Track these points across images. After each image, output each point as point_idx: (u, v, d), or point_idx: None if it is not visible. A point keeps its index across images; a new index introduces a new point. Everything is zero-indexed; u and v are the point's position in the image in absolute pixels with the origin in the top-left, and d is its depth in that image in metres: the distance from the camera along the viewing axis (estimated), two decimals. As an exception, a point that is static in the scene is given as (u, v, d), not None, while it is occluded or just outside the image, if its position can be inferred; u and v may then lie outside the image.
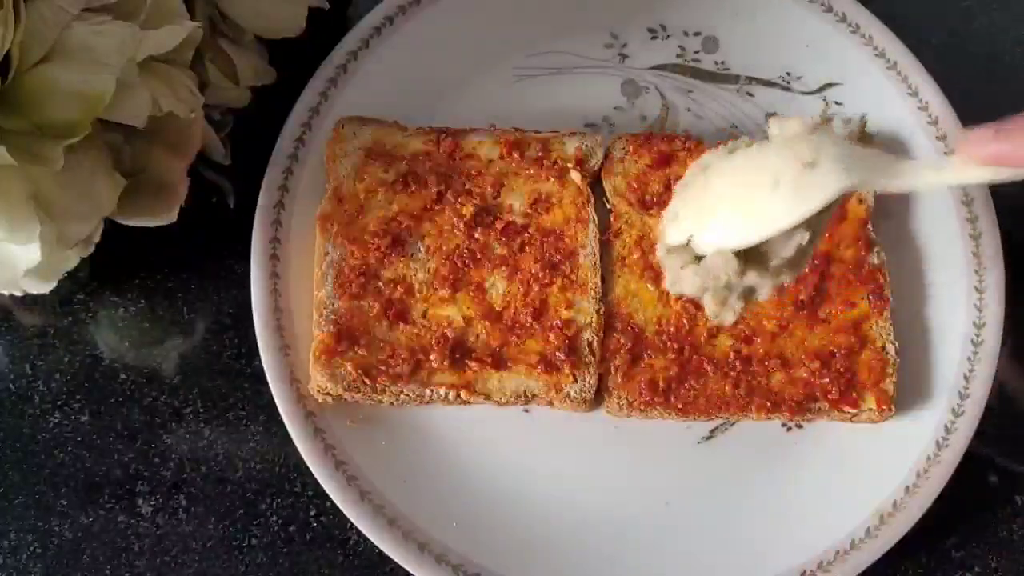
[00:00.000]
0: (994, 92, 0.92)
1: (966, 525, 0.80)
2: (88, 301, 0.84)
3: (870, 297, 0.78)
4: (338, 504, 0.75)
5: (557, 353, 0.76)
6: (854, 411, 0.76)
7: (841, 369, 0.77)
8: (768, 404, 0.76)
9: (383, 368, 0.76)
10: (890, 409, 0.76)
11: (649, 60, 0.88)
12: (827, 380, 0.76)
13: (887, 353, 0.77)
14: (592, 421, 0.79)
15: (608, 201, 0.82)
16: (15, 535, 0.78)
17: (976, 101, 0.87)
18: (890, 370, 0.77)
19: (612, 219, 0.81)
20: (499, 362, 0.76)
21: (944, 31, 0.93)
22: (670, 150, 0.82)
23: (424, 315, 0.78)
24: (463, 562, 0.74)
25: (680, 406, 0.76)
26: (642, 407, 0.76)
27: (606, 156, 0.83)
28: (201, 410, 0.81)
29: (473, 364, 0.76)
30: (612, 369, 0.77)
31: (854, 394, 0.76)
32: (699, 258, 0.69)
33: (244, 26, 0.82)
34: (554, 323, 0.77)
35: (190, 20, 0.73)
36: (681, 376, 0.76)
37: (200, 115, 0.75)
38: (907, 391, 0.78)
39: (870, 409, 0.76)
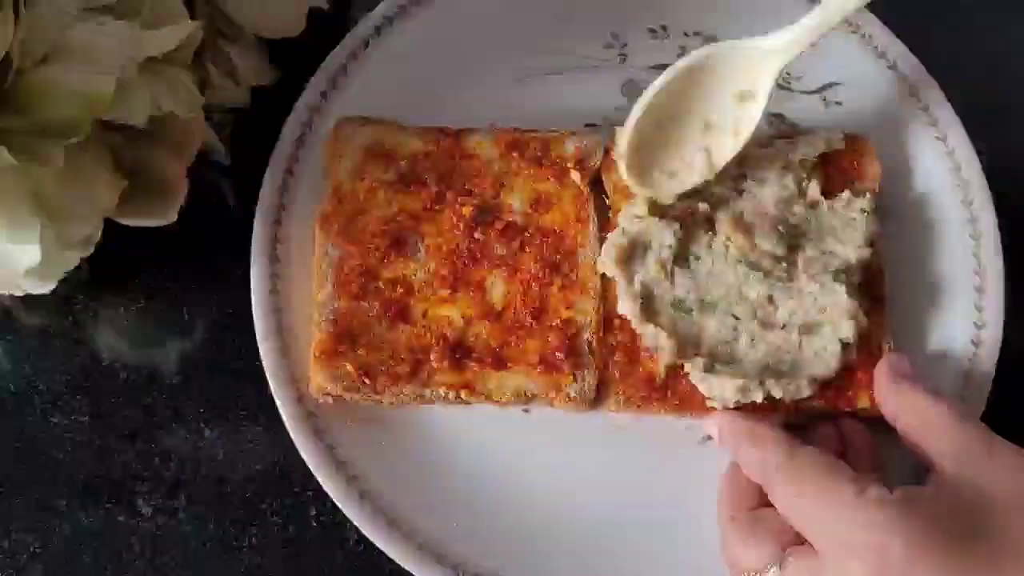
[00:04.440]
0: (995, 92, 0.92)
1: (966, 525, 0.79)
2: (88, 301, 0.84)
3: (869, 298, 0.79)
4: (338, 504, 0.75)
5: (557, 353, 0.76)
6: (850, 411, 0.76)
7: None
8: (764, 402, 0.76)
9: (383, 368, 0.76)
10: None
11: (649, 60, 0.88)
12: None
13: (883, 353, 0.77)
14: (592, 421, 0.79)
15: (608, 197, 0.82)
16: (15, 535, 0.78)
17: (976, 101, 0.87)
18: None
19: (611, 215, 0.81)
20: (499, 362, 0.76)
21: (944, 31, 0.93)
22: (670, 147, 0.82)
23: (424, 315, 0.78)
24: (463, 562, 0.74)
25: (677, 402, 0.76)
26: (639, 403, 0.76)
27: (606, 152, 0.83)
28: (201, 410, 0.81)
29: (473, 364, 0.76)
30: (610, 365, 0.77)
31: (850, 393, 0.76)
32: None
33: (244, 26, 0.82)
34: (554, 323, 0.77)
35: (190, 20, 0.73)
36: (678, 372, 0.76)
37: (200, 115, 0.75)
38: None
39: (865, 409, 0.76)
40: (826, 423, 0.76)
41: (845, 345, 0.76)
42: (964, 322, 0.80)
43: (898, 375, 0.74)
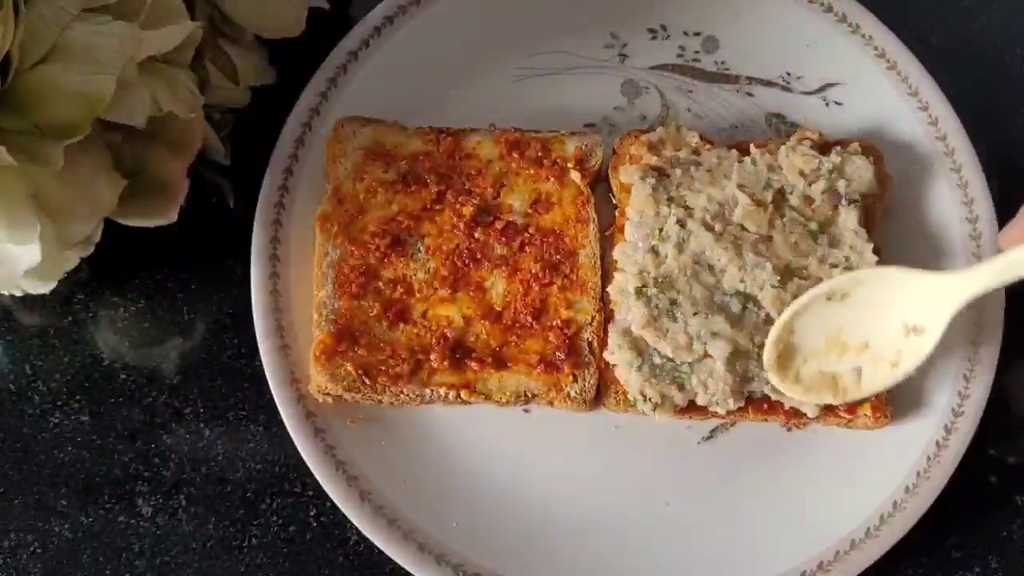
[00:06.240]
0: (994, 92, 0.92)
1: (966, 525, 0.80)
2: (88, 301, 0.84)
3: None
4: (338, 504, 0.75)
5: (557, 353, 0.76)
6: (849, 417, 0.76)
7: None
8: (765, 406, 0.76)
9: (383, 368, 0.76)
10: (885, 417, 0.76)
11: (649, 60, 0.88)
12: None
13: None
14: (592, 421, 0.79)
15: (614, 197, 0.83)
16: (15, 535, 0.78)
17: (976, 101, 0.87)
18: None
19: (617, 215, 0.82)
20: (499, 362, 0.76)
21: (944, 31, 0.93)
22: (676, 147, 0.82)
23: (424, 315, 0.78)
24: (463, 562, 0.74)
25: None
26: (640, 403, 0.77)
27: (614, 152, 0.83)
28: (201, 410, 0.81)
29: (473, 364, 0.76)
30: (611, 364, 0.77)
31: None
32: None
33: (244, 26, 0.82)
34: (554, 323, 0.77)
35: (190, 20, 0.73)
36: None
37: (200, 115, 0.75)
38: (907, 391, 0.78)
39: (865, 415, 0.76)
40: None
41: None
42: (964, 322, 0.80)
43: None
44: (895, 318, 0.72)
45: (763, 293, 0.76)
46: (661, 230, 0.78)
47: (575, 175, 0.81)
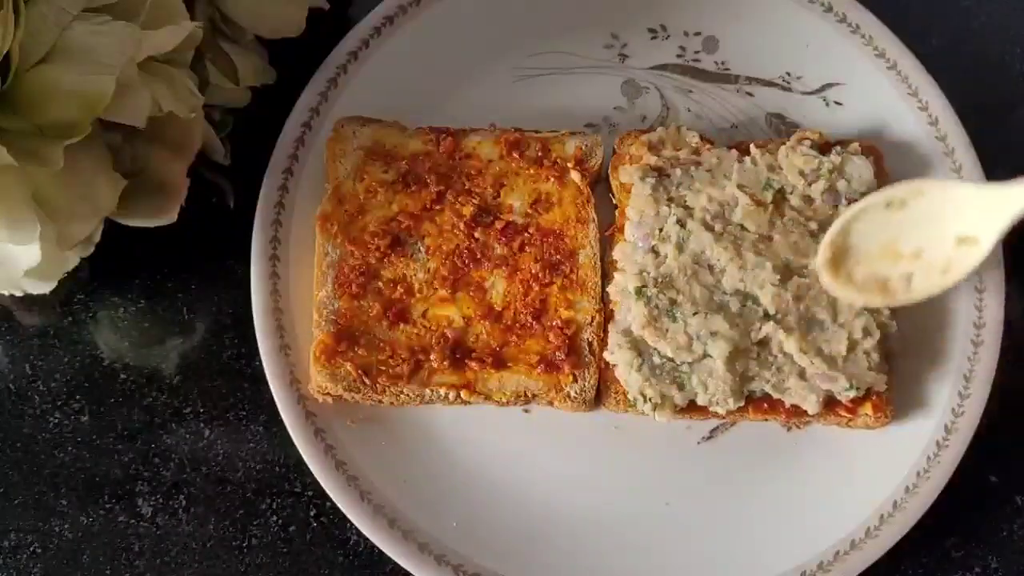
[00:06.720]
0: (994, 92, 0.92)
1: (966, 525, 0.80)
2: (88, 301, 0.84)
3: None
4: (338, 504, 0.75)
5: (557, 353, 0.76)
6: (849, 417, 0.76)
7: None
8: (765, 406, 0.76)
9: (383, 368, 0.76)
10: (886, 417, 0.76)
11: (649, 60, 0.88)
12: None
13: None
14: (592, 421, 0.79)
15: (614, 197, 0.83)
16: (15, 535, 0.78)
17: (976, 101, 0.87)
18: (886, 376, 0.77)
19: (617, 215, 0.82)
20: (499, 362, 0.76)
21: (944, 31, 0.93)
22: (677, 148, 0.82)
23: (424, 315, 0.78)
24: (463, 562, 0.74)
25: None
26: (640, 403, 0.77)
27: (614, 152, 0.83)
28: (201, 410, 0.81)
29: (473, 364, 0.76)
30: (610, 364, 0.77)
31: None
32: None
33: (244, 26, 0.82)
34: (554, 323, 0.77)
35: (190, 20, 0.73)
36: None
37: (200, 115, 0.75)
38: (908, 391, 0.78)
39: (866, 415, 0.76)
40: None
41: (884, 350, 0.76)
42: (964, 321, 0.80)
43: None
44: (949, 228, 0.73)
45: (763, 292, 0.76)
46: (661, 230, 0.78)
47: (575, 175, 0.81)
